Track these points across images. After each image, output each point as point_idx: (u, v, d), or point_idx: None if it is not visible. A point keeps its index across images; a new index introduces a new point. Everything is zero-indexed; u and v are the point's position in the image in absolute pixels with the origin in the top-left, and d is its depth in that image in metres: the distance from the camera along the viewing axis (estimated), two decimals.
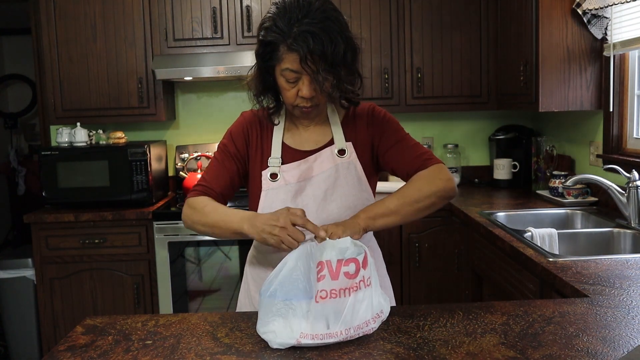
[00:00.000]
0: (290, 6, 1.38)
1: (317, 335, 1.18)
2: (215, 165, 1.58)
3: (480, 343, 1.20)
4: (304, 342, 1.18)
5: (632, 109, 2.69)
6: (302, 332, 1.18)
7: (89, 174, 3.15)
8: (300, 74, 1.39)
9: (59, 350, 1.23)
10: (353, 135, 1.58)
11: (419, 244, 3.07)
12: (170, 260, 3.07)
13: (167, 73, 3.20)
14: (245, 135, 1.58)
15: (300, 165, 1.54)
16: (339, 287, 1.19)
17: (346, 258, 1.20)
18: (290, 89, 1.43)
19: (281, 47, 1.38)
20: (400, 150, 1.56)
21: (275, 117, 1.57)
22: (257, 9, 3.29)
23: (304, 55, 1.34)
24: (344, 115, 1.61)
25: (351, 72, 1.44)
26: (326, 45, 1.34)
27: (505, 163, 3.46)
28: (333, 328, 1.19)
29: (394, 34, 3.33)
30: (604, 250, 2.28)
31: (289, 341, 1.18)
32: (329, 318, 1.19)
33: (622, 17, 2.59)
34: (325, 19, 1.36)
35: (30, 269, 3.30)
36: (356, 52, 1.44)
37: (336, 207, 1.52)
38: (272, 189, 1.53)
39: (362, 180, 1.57)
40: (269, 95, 1.53)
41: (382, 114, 1.61)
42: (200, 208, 1.50)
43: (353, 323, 1.20)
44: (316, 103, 1.47)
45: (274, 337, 1.18)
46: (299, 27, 1.34)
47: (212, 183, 1.55)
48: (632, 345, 1.18)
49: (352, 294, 1.20)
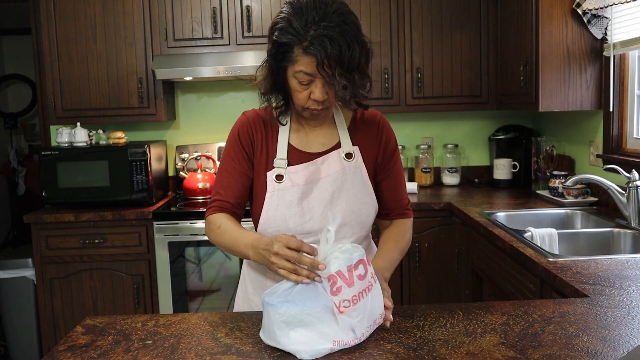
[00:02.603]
0: (306, 7, 1.35)
1: (349, 342, 1.18)
2: (225, 175, 1.56)
3: (480, 343, 1.20)
4: (336, 349, 1.17)
5: (632, 109, 2.69)
6: (335, 340, 1.16)
7: (89, 174, 3.15)
8: (314, 77, 1.38)
9: (59, 350, 1.23)
10: (360, 141, 1.58)
11: (419, 244, 3.07)
12: (170, 260, 3.07)
13: (167, 73, 3.20)
14: (250, 135, 1.56)
15: (308, 167, 1.53)
16: (357, 291, 1.18)
17: (354, 262, 1.19)
18: (302, 91, 1.42)
19: (296, 49, 1.35)
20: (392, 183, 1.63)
21: (283, 117, 1.56)
22: (257, 9, 3.29)
23: (321, 60, 1.32)
24: (351, 118, 1.60)
25: (364, 77, 1.42)
26: (343, 50, 1.32)
27: (505, 163, 3.46)
28: (359, 332, 1.19)
29: (394, 34, 3.33)
30: (604, 250, 2.28)
31: (322, 349, 1.15)
32: (354, 324, 1.18)
33: (622, 17, 2.59)
34: (343, 23, 1.34)
35: (30, 269, 3.30)
36: (369, 56, 1.41)
37: (342, 211, 1.51)
38: (278, 191, 1.51)
39: (367, 185, 1.57)
40: (278, 95, 1.51)
41: (389, 130, 1.63)
42: (216, 228, 1.51)
43: (372, 320, 1.21)
44: (327, 106, 1.46)
45: (305, 347, 1.15)
46: (315, 30, 1.32)
47: (226, 195, 1.54)
48: (632, 345, 1.18)
49: (369, 293, 1.21)
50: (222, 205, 1.54)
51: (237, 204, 1.55)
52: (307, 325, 1.15)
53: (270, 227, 1.52)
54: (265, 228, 1.52)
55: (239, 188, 1.55)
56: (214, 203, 1.56)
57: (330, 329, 1.16)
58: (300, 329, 1.15)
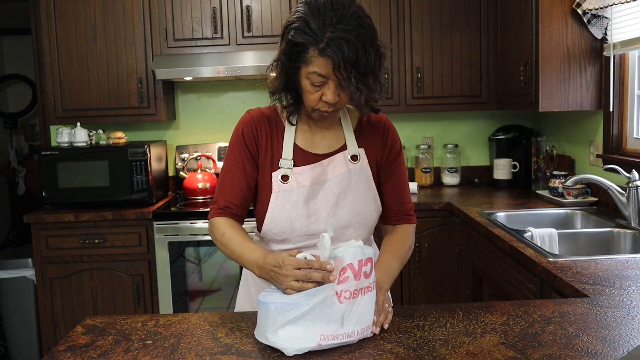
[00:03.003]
0: (324, 8, 1.33)
1: (338, 335, 1.18)
2: (229, 175, 1.54)
3: (480, 343, 1.20)
4: (325, 344, 1.17)
5: (632, 109, 2.69)
6: (323, 334, 1.17)
7: (89, 174, 3.15)
8: (327, 78, 1.37)
9: (59, 350, 1.23)
10: (365, 142, 1.58)
11: (419, 244, 3.07)
12: (170, 260, 3.07)
13: (167, 73, 3.20)
14: (254, 134, 1.54)
15: (314, 168, 1.52)
16: (359, 287, 1.20)
17: (365, 258, 1.21)
18: (314, 92, 1.40)
19: (311, 49, 1.34)
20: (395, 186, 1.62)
21: (292, 117, 1.54)
22: (257, 9, 3.29)
23: (337, 63, 1.31)
24: (357, 120, 1.59)
25: (377, 81, 1.41)
26: (360, 53, 1.31)
27: (505, 163, 3.46)
28: (347, 328, 1.19)
29: (394, 34, 3.33)
30: (604, 250, 2.28)
31: (309, 345, 1.16)
32: (344, 317, 1.18)
33: (622, 17, 2.59)
34: (360, 27, 1.33)
35: (30, 269, 3.30)
36: (382, 60, 1.41)
37: (347, 213, 1.51)
38: (284, 191, 1.50)
39: (372, 187, 1.56)
40: (289, 95, 1.50)
41: (394, 133, 1.62)
42: (219, 236, 1.50)
43: (361, 324, 1.21)
44: (337, 108, 1.45)
45: (291, 343, 1.16)
46: (333, 33, 1.31)
47: (230, 197, 1.53)
48: (632, 345, 1.18)
49: (367, 294, 1.21)
50: (225, 207, 1.53)
51: (240, 206, 1.54)
52: (295, 322, 1.17)
53: (276, 228, 1.50)
54: (270, 229, 1.51)
55: (243, 190, 1.53)
56: (217, 204, 1.54)
57: (319, 324, 1.17)
58: (289, 326, 1.17)
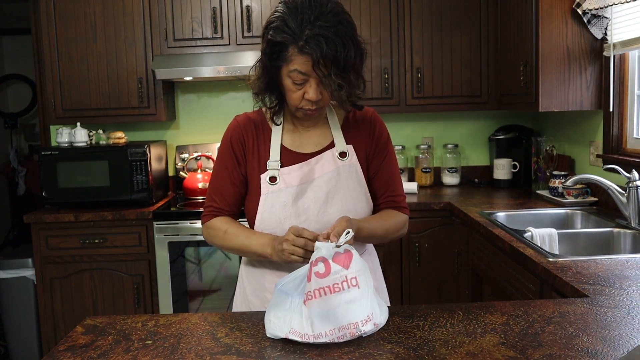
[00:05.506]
0: (301, 6, 1.35)
1: (305, 335, 1.20)
2: (219, 182, 1.58)
3: (480, 343, 1.20)
4: (291, 338, 1.21)
5: (632, 109, 2.69)
6: (292, 328, 1.21)
7: (89, 174, 3.15)
8: (309, 76, 1.38)
9: (59, 350, 1.23)
10: (353, 139, 1.58)
11: (419, 244, 3.07)
12: (170, 260, 3.07)
13: (167, 73, 3.20)
14: (241, 140, 1.56)
15: (301, 167, 1.53)
16: (325, 284, 1.21)
17: (316, 257, 1.23)
18: (296, 91, 1.42)
19: (291, 48, 1.36)
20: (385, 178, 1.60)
21: (277, 117, 1.56)
22: (257, 9, 3.29)
23: (316, 60, 1.33)
24: (344, 118, 1.60)
25: (359, 77, 1.43)
26: (339, 50, 1.33)
27: (505, 163, 3.46)
28: (318, 329, 1.20)
29: (394, 34, 3.33)
30: (604, 250, 2.28)
31: (279, 333, 1.22)
32: (314, 319, 1.20)
33: (622, 17, 2.59)
34: (338, 23, 1.34)
35: (30, 269, 3.30)
36: (363, 56, 1.43)
37: (337, 211, 1.51)
38: (272, 192, 1.51)
39: (362, 183, 1.57)
40: (272, 95, 1.52)
41: (381, 125, 1.62)
42: (222, 234, 1.53)
43: (338, 325, 1.20)
44: (321, 106, 1.46)
45: (269, 326, 1.24)
46: (311, 30, 1.33)
47: (220, 202, 1.57)
48: (632, 345, 1.18)
49: (335, 293, 1.20)
50: (219, 209, 1.57)
51: (231, 210, 1.59)
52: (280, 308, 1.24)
53: (266, 229, 1.52)
54: (261, 230, 1.53)
55: (233, 196, 1.57)
56: (209, 209, 1.58)
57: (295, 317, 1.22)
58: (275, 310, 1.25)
